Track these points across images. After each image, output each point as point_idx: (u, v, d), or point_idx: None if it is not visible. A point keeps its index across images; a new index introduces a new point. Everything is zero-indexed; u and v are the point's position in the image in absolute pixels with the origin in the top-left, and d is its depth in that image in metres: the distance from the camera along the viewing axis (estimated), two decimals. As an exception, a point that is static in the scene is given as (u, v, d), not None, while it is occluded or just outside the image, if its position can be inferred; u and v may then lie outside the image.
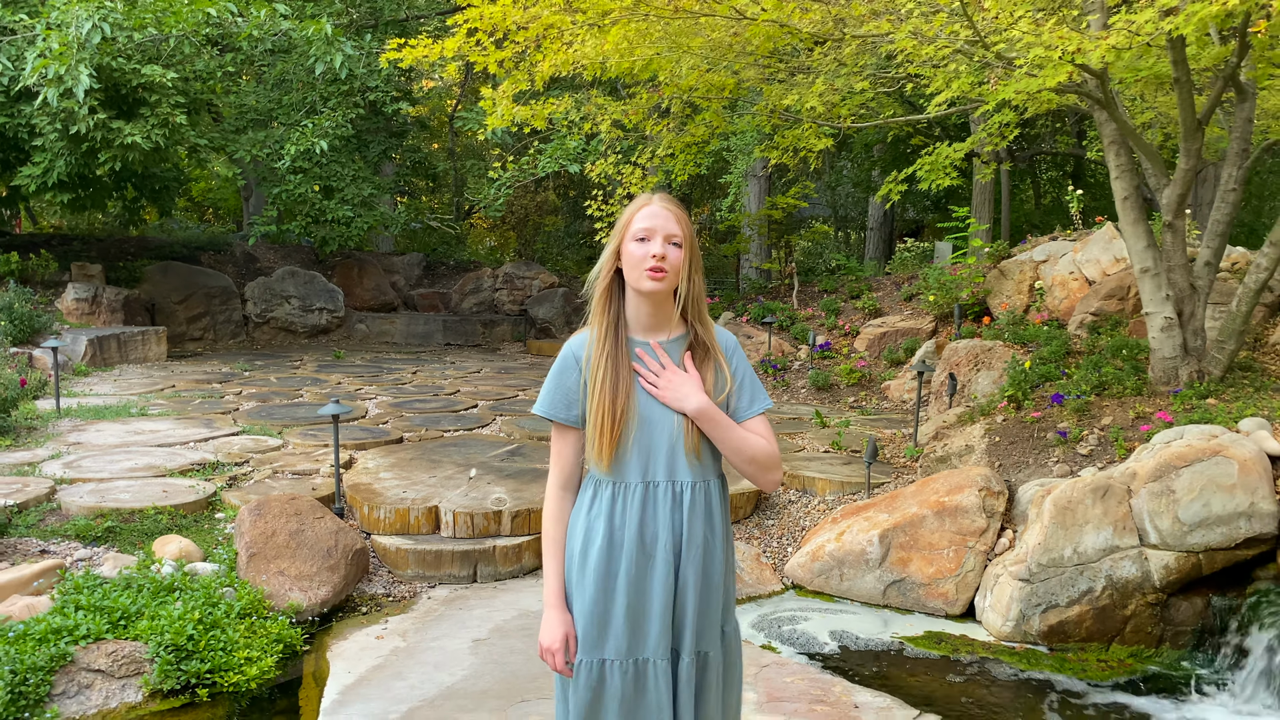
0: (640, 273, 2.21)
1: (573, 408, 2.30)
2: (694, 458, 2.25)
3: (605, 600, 2.25)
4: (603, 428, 2.23)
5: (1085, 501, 4.57)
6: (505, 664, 4.17)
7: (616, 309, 2.30)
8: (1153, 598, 4.45)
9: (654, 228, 2.21)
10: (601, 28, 4.49)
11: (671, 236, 2.21)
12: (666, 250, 2.19)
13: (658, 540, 2.24)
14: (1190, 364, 5.68)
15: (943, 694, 4.07)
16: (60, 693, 3.75)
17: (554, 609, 2.29)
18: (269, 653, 4.19)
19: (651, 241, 2.20)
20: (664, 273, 2.20)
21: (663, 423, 2.27)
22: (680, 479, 2.26)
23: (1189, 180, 5.47)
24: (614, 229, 2.33)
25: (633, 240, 2.23)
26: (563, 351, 2.35)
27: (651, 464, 2.27)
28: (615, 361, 2.26)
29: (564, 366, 2.33)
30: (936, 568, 4.86)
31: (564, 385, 2.31)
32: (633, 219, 2.25)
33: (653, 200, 2.30)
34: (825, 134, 6.34)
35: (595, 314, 2.31)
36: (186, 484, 5.63)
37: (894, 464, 6.37)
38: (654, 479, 2.26)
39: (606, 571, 2.25)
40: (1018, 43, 4.13)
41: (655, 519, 2.25)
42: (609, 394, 2.23)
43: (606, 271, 2.29)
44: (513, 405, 8.71)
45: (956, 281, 9.49)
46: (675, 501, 2.26)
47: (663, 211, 2.24)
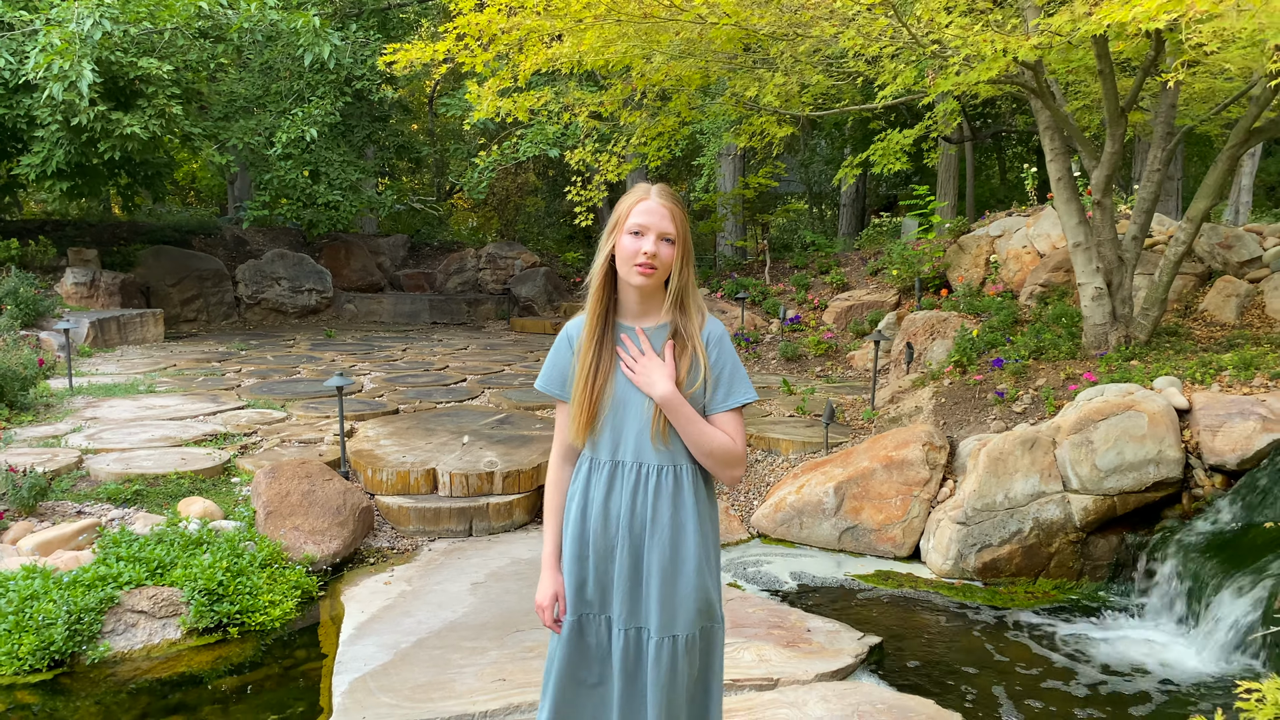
0: (630, 267, 2.29)
1: (565, 385, 2.43)
2: (660, 442, 2.32)
3: (580, 567, 2.40)
4: (580, 406, 2.36)
5: (1015, 452, 5.13)
6: (500, 602, 4.70)
7: (609, 296, 2.39)
8: (1074, 536, 5.03)
9: (648, 224, 2.27)
10: (577, 31, 4.97)
11: (665, 234, 2.27)
12: (658, 248, 2.26)
13: (620, 518, 2.35)
14: (1119, 329, 6.24)
15: (887, 621, 4.63)
16: (110, 630, 4.25)
17: (547, 569, 2.47)
18: (289, 597, 4.70)
19: (645, 238, 2.26)
20: (653, 269, 2.27)
21: (636, 406, 2.35)
22: (646, 461, 2.34)
23: (1115, 162, 6.01)
24: (611, 218, 2.38)
25: (628, 233, 2.29)
26: (562, 333, 2.49)
27: (621, 444, 2.36)
28: (599, 345, 2.37)
29: (559, 347, 2.47)
30: (885, 515, 5.42)
31: (559, 364, 2.46)
32: (630, 212, 2.31)
33: (650, 195, 2.33)
34: (786, 122, 6.85)
35: (591, 299, 2.39)
36: (202, 452, 6.12)
37: (853, 426, 6.93)
38: (621, 459, 2.36)
39: (581, 539, 2.40)
40: (951, 42, 4.64)
41: (619, 497, 2.35)
42: (588, 375, 2.35)
43: (604, 260, 2.36)
44: (500, 379, 9.21)
45: (918, 256, 10.03)
46: (639, 483, 2.35)
47: (659, 208, 2.29)
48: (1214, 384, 5.38)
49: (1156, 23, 3.05)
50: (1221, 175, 5.83)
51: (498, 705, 3.65)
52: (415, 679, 3.88)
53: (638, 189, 2.37)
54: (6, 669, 3.97)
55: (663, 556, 2.32)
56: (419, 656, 4.11)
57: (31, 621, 4.06)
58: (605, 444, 2.38)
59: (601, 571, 2.38)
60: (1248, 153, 12.19)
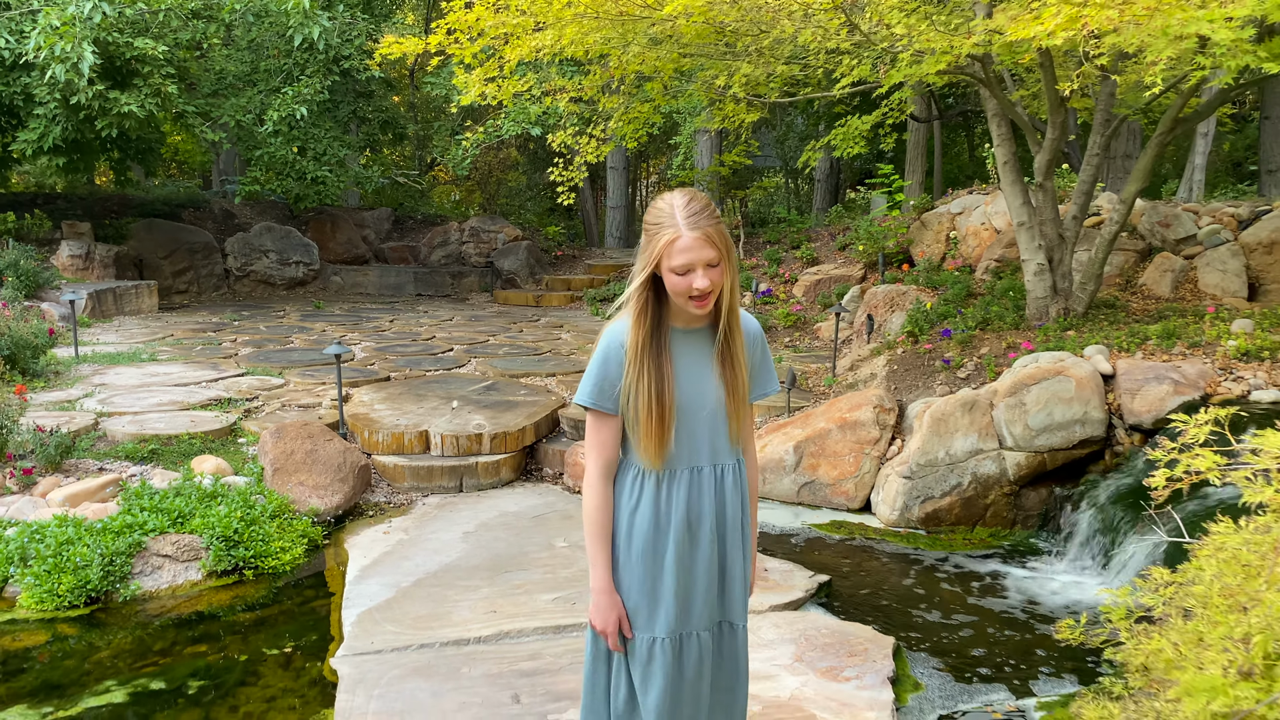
0: (686, 300, 2.20)
1: (617, 398, 2.30)
2: (734, 441, 2.36)
3: (654, 581, 2.32)
4: (652, 427, 2.25)
5: (956, 413, 5.67)
6: (490, 548, 5.20)
7: (655, 313, 2.27)
8: (1008, 489, 5.58)
9: (692, 261, 2.15)
10: (559, 25, 5.40)
11: (710, 261, 2.16)
12: (709, 277, 2.16)
13: (703, 522, 2.32)
14: (1059, 302, 6.77)
15: (837, 564, 5.17)
16: (138, 572, 4.72)
17: (605, 594, 2.34)
18: (297, 544, 5.18)
19: (693, 274, 2.16)
20: (710, 298, 2.20)
21: (703, 409, 2.31)
22: (722, 461, 2.34)
23: (1056, 148, 6.51)
24: (644, 251, 2.23)
25: (672, 273, 2.17)
26: (605, 342, 2.32)
27: (694, 450, 2.31)
28: (659, 362, 2.26)
29: (608, 358, 2.30)
30: (840, 471, 5.95)
31: (608, 376, 2.30)
32: (666, 252, 2.17)
33: (681, 229, 2.16)
34: (755, 107, 7.30)
35: (634, 319, 2.27)
36: (210, 415, 6.57)
37: (815, 391, 7.45)
38: (698, 464, 2.32)
39: (654, 554, 2.31)
40: (899, 41, 5.10)
41: (701, 502, 2.32)
42: (655, 395, 2.24)
43: (641, 288, 2.24)
44: (485, 349, 9.67)
45: (883, 232, 10.54)
46: (718, 483, 2.34)
47: (695, 242, 2.14)
48: (1138, 352, 5.92)
49: (1054, 39, 3.52)
50: (1151, 160, 6.34)
51: (489, 632, 4.15)
52: (416, 611, 4.38)
53: (663, 219, 2.19)
54: (48, 604, 4.44)
55: (740, 547, 2.39)
56: (418, 593, 4.60)
57: (69, 563, 4.53)
58: (681, 454, 2.31)
59: (683, 582, 2.33)
60: (1201, 134, 12.73)
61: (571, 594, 4.59)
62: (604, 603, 2.35)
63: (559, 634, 4.17)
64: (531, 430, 6.59)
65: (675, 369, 2.29)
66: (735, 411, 2.34)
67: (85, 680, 3.88)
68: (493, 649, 4.03)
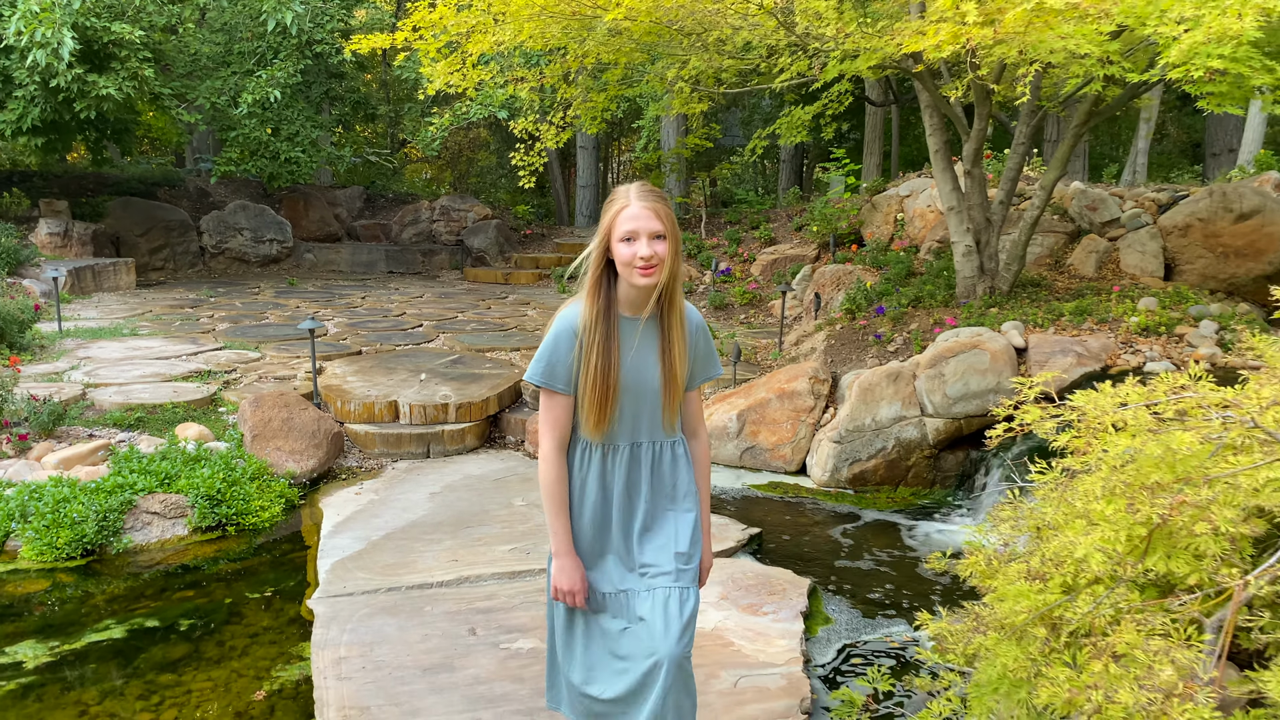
0: (632, 271, 2.34)
1: (567, 378, 2.46)
2: (670, 423, 2.55)
3: (600, 543, 2.58)
4: (596, 402, 2.43)
5: (882, 383, 6.18)
6: (454, 507, 5.68)
7: (608, 294, 2.43)
8: (928, 452, 6.11)
9: (637, 229, 2.31)
10: (518, 22, 5.81)
11: (655, 233, 2.31)
12: (653, 248, 2.31)
13: (640, 491, 2.55)
14: (985, 281, 7.29)
15: (771, 519, 5.68)
16: (129, 527, 5.16)
17: (567, 557, 2.54)
18: (276, 504, 5.63)
19: (638, 242, 2.31)
20: (654, 269, 2.33)
21: (646, 392, 2.49)
22: (659, 439, 2.56)
23: (981, 137, 7.01)
24: (599, 226, 2.41)
25: (619, 241, 2.34)
26: (558, 325, 2.47)
27: (636, 428, 2.52)
28: (608, 342, 2.42)
29: (558, 340, 2.45)
30: (778, 437, 6.46)
31: (559, 357, 2.45)
32: (615, 221, 2.34)
33: (631, 200, 2.35)
34: (705, 98, 7.75)
35: (588, 298, 2.43)
36: (191, 386, 6.99)
37: (763, 365, 7.95)
38: (638, 440, 2.54)
39: (601, 520, 2.57)
40: (827, 43, 5.56)
41: (639, 472, 2.55)
42: (601, 373, 2.40)
43: (596, 263, 2.40)
44: (453, 325, 10.10)
45: (836, 214, 11.03)
46: (656, 458, 2.56)
47: (643, 212, 2.32)
48: (1051, 328, 6.45)
49: (941, 52, 3.99)
50: (1068, 150, 6.84)
51: (451, 577, 4.64)
52: (384, 560, 4.86)
53: (618, 196, 2.40)
54: (48, 556, 4.88)
55: (684, 524, 2.59)
56: (387, 545, 5.07)
57: (66, 519, 4.95)
58: (623, 430, 2.51)
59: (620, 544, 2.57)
60: (1144, 119, 13.29)
61: (526, 545, 5.07)
62: (568, 565, 2.54)
63: (514, 579, 4.66)
64: (495, 401, 7.04)
65: (621, 352, 2.44)
66: (671, 398, 2.50)
67: (85, 620, 4.33)
68: (453, 591, 4.51)
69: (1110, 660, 2.31)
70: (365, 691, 3.58)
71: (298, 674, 3.85)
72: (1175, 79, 3.70)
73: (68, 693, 3.73)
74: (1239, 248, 7.85)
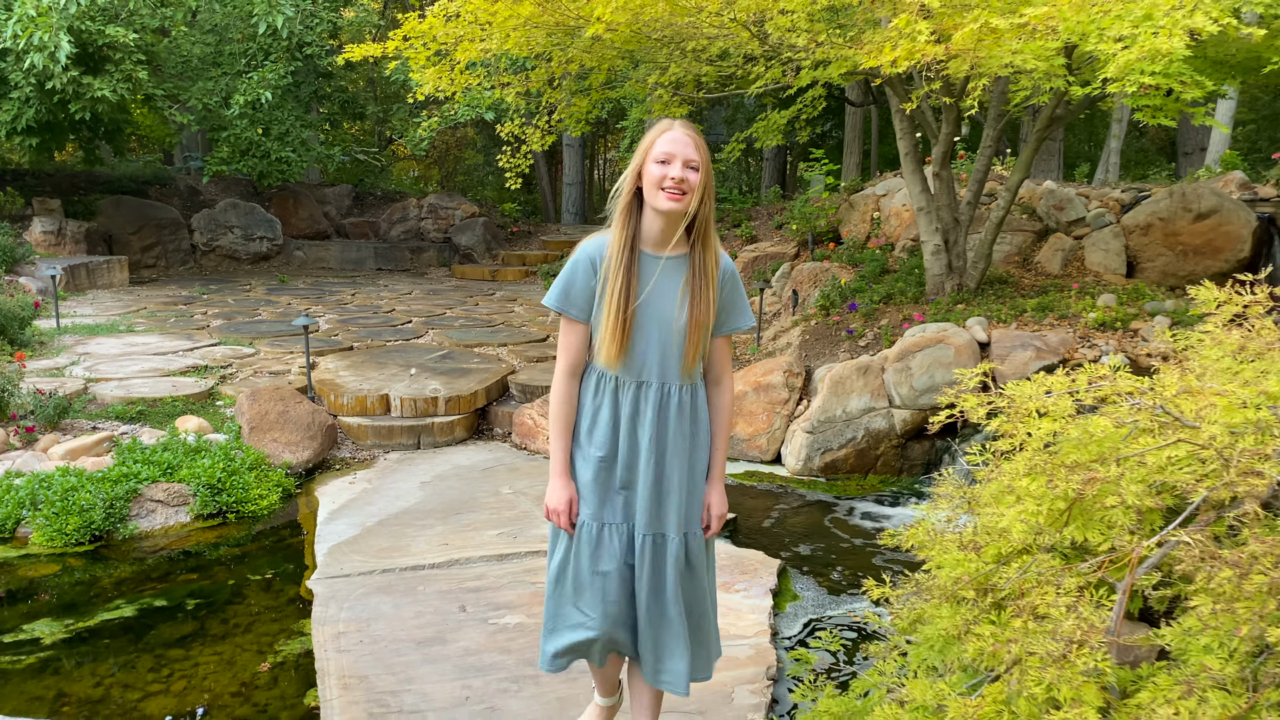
0: (657, 192, 2.37)
1: (582, 306, 2.51)
2: (687, 368, 2.52)
3: (606, 475, 2.56)
4: (613, 331, 2.44)
5: (852, 376, 6.49)
6: (444, 495, 5.95)
7: (634, 224, 2.46)
8: (895, 442, 6.42)
9: (674, 152, 2.35)
10: (504, 32, 6.08)
11: (690, 161, 2.36)
12: (685, 174, 2.34)
13: (643, 432, 2.53)
14: (953, 279, 7.60)
15: (746, 505, 5.98)
16: (135, 515, 5.42)
17: (560, 477, 2.60)
18: (273, 492, 5.90)
19: (672, 165, 2.34)
20: (682, 194, 2.36)
21: (662, 332, 2.49)
22: (670, 382, 2.52)
23: (949, 141, 7.31)
24: (636, 150, 2.45)
25: (654, 162, 2.37)
26: (577, 254, 2.52)
27: (646, 367, 2.51)
28: (629, 273, 2.44)
29: (576, 268, 2.51)
30: (754, 428, 6.76)
31: (575, 285, 2.50)
32: (655, 142, 2.39)
33: (674, 126, 2.41)
34: (685, 102, 8.04)
35: (615, 227, 2.46)
36: (189, 381, 7.24)
37: (742, 359, 8.24)
38: (647, 379, 2.51)
39: (609, 452, 2.56)
40: (799, 51, 5.85)
41: (644, 413, 2.52)
42: (620, 302, 2.43)
43: (628, 189, 2.45)
44: (442, 320, 10.36)
45: (815, 212, 11.33)
46: (662, 401, 2.52)
47: (683, 137, 2.37)
48: (1014, 323, 6.77)
49: (898, 67, 4.27)
50: (1031, 153, 7.16)
51: (442, 559, 4.91)
52: (378, 544, 5.13)
53: (662, 123, 2.45)
54: (57, 542, 5.13)
55: (683, 465, 2.56)
56: (380, 531, 5.35)
57: (75, 507, 5.21)
58: (632, 366, 2.51)
59: (627, 481, 2.56)
60: (1116, 120, 13.63)
61: (513, 530, 5.36)
62: (558, 485, 2.60)
63: (501, 560, 4.94)
64: (483, 394, 7.32)
65: (642, 285, 2.45)
66: (694, 338, 2.48)
67: (97, 600, 4.59)
68: (444, 572, 4.79)
69: (1030, 618, 2.61)
70: (363, 662, 3.86)
71: (299, 648, 4.12)
72: (1114, 92, 4.00)
73: (83, 666, 4.00)
74: (1197, 246, 8.19)
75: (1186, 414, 2.77)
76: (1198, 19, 3.89)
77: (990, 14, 3.81)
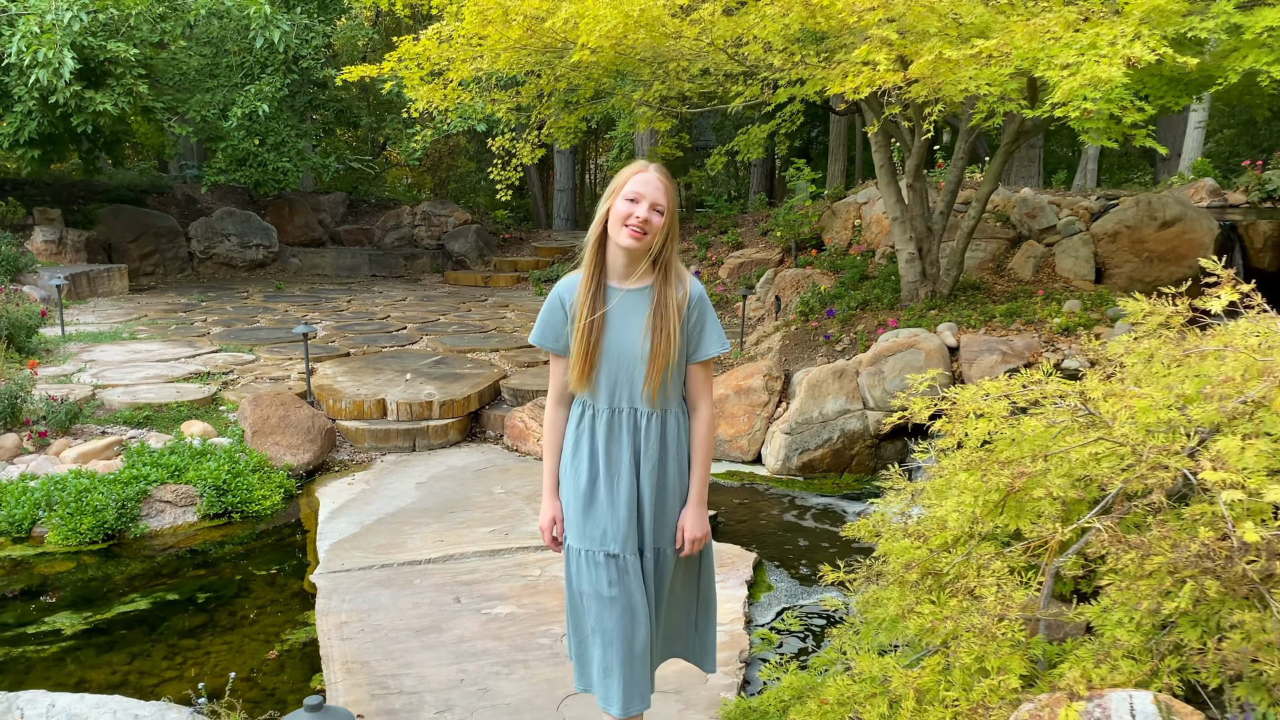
0: (620, 228, 2.52)
1: (560, 339, 2.69)
2: (654, 395, 2.63)
3: (589, 498, 2.70)
4: (577, 357, 2.61)
5: (829, 380, 6.80)
6: (439, 495, 6.25)
7: (601, 257, 2.61)
8: (870, 442, 6.73)
9: (644, 193, 2.51)
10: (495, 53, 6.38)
11: (656, 205, 2.51)
12: (650, 216, 2.50)
13: (622, 458, 2.66)
14: (927, 286, 7.92)
15: (726, 503, 6.28)
16: (145, 515, 5.71)
17: (548, 496, 2.80)
18: (276, 493, 6.18)
19: (639, 204, 2.49)
20: (643, 234, 2.51)
21: (629, 360, 2.63)
22: (640, 408, 2.66)
23: (920, 155, 7.63)
24: (609, 187, 2.59)
25: (623, 198, 2.52)
26: (551, 293, 2.71)
27: (617, 393, 2.65)
28: (593, 304, 2.60)
29: (551, 306, 2.70)
30: (736, 429, 7.06)
31: (552, 321, 2.70)
32: (628, 180, 2.54)
33: (649, 169, 2.56)
34: (670, 116, 8.36)
35: (586, 257, 2.62)
36: (193, 387, 7.52)
37: (726, 363, 8.55)
38: (619, 406, 2.66)
39: (589, 476, 2.70)
40: (777, 71, 6.16)
41: (620, 438, 2.66)
42: (584, 334, 2.59)
43: (598, 224, 2.59)
44: (436, 327, 10.65)
45: (798, 220, 11.65)
46: (635, 426, 2.66)
47: (655, 181, 2.53)
48: (983, 328, 7.09)
49: (860, 94, 4.58)
50: (999, 166, 7.48)
51: (438, 555, 5.21)
52: (377, 541, 5.42)
53: (637, 163, 2.62)
54: (72, 540, 5.41)
55: (653, 487, 2.69)
56: (379, 529, 5.64)
57: (88, 507, 5.49)
58: (603, 393, 2.66)
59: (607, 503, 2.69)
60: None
61: (504, 527, 5.65)
62: (544, 504, 2.82)
63: (493, 556, 5.23)
64: (476, 398, 7.61)
65: (609, 318, 2.59)
66: (655, 367, 2.59)
67: (112, 595, 4.88)
68: (439, 567, 5.08)
69: (965, 597, 2.92)
70: (365, 649, 4.16)
71: (304, 637, 4.41)
72: (1060, 115, 4.32)
73: (102, 654, 4.29)
74: (1162, 253, 8.52)
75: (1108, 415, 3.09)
76: (1136, 49, 4.21)
77: (945, 45, 4.12)
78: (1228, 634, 2.49)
